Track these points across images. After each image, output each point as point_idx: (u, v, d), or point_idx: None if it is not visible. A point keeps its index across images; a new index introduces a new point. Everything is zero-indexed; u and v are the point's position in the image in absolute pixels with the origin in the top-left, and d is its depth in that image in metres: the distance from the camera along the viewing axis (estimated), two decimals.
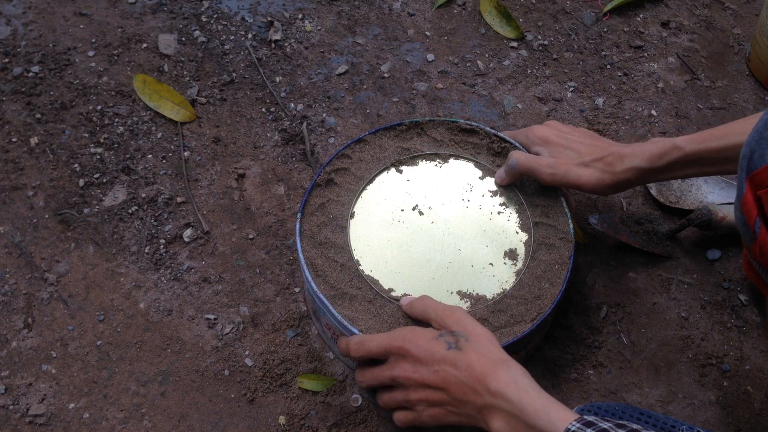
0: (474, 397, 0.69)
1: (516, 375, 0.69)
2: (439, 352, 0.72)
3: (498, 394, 0.68)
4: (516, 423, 0.67)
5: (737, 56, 1.22)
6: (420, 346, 0.73)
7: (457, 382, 0.70)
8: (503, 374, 0.69)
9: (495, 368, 0.69)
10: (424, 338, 0.74)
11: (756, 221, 0.60)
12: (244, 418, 0.88)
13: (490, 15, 1.23)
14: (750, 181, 0.60)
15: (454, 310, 0.77)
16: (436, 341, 0.73)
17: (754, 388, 0.92)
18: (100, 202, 1.02)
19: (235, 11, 1.22)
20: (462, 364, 0.71)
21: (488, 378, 0.69)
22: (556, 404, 0.66)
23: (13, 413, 0.87)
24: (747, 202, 0.61)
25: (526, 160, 0.88)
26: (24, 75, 1.12)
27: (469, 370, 0.70)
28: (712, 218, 0.98)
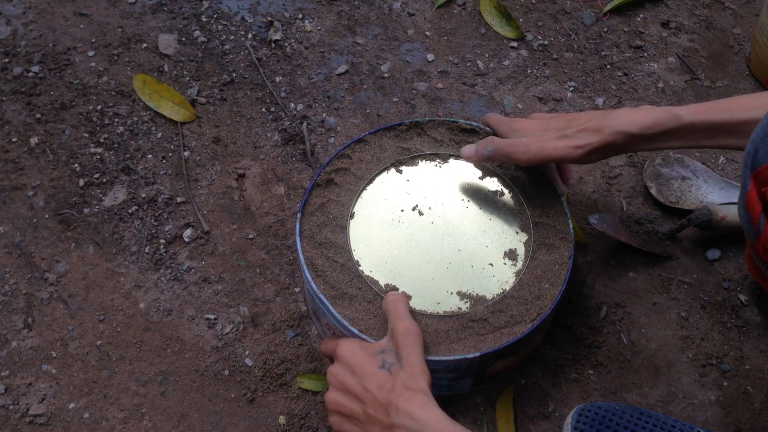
0: (383, 416, 0.70)
1: (428, 401, 0.70)
2: (369, 367, 0.74)
3: (405, 413, 0.69)
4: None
5: (737, 56, 1.22)
6: (356, 356, 0.75)
7: (373, 399, 0.72)
8: (416, 398, 0.70)
9: (411, 393, 0.70)
10: (364, 351, 0.76)
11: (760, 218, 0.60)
12: (244, 418, 0.88)
13: (490, 15, 1.23)
14: (755, 178, 0.60)
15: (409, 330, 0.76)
16: (373, 357, 0.75)
17: (754, 388, 0.92)
18: (100, 202, 1.02)
19: (235, 11, 1.22)
20: (386, 385, 0.72)
21: (401, 400, 0.70)
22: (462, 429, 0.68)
23: (13, 413, 0.87)
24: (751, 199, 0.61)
25: (500, 145, 0.86)
26: (24, 75, 1.12)
27: (389, 393, 0.71)
28: (712, 218, 0.98)
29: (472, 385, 0.87)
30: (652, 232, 1.01)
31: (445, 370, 0.81)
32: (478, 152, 0.89)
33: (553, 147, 0.84)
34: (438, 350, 0.80)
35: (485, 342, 0.80)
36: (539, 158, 0.84)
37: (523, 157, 0.85)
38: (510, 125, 0.90)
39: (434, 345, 0.80)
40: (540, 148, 0.84)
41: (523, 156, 0.85)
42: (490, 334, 0.81)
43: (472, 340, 0.80)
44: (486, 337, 0.81)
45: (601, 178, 1.08)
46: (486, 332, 0.81)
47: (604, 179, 1.08)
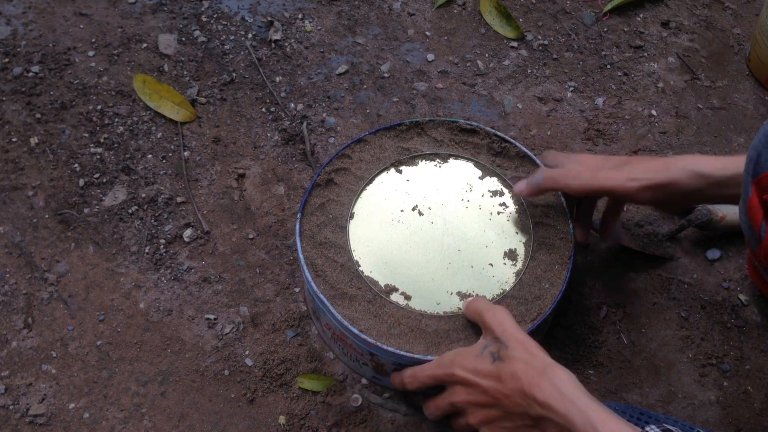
0: (525, 407, 0.68)
1: (560, 383, 0.67)
2: (484, 369, 0.71)
3: (546, 405, 0.66)
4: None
5: (737, 56, 1.22)
6: (467, 368, 0.73)
7: (505, 396, 0.69)
8: (547, 384, 0.67)
9: (539, 377, 0.67)
10: (469, 358, 0.73)
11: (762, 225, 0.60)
12: (244, 418, 0.88)
13: (490, 15, 1.23)
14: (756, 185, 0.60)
15: (495, 311, 0.75)
16: (481, 358, 0.72)
17: (754, 388, 0.92)
18: (100, 202, 1.02)
19: (235, 11, 1.22)
20: (506, 375, 0.69)
21: (534, 389, 0.67)
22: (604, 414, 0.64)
23: (13, 413, 0.87)
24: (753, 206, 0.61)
25: (550, 173, 0.84)
26: (24, 75, 1.12)
27: (514, 381, 0.69)
28: (711, 218, 0.98)
29: None
30: (652, 234, 1.01)
31: None
32: (528, 184, 0.86)
33: (606, 176, 0.80)
34: (438, 350, 0.80)
35: None
36: (590, 186, 0.81)
37: (574, 183, 0.82)
38: (568, 156, 0.88)
39: (434, 345, 0.80)
40: (592, 176, 0.81)
41: (574, 182, 0.82)
42: None
43: (472, 339, 0.80)
44: None
45: None
46: None
47: None
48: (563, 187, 0.83)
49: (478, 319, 0.77)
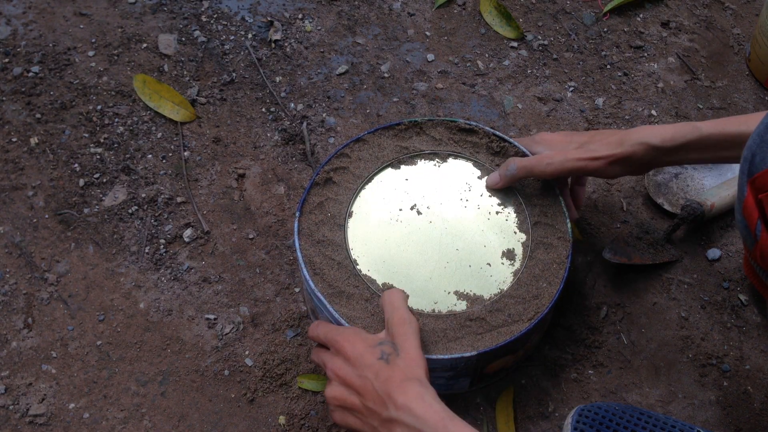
0: (381, 409, 0.70)
1: (425, 392, 0.69)
2: (368, 359, 0.73)
3: (403, 407, 0.68)
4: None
5: (737, 56, 1.22)
6: (355, 348, 0.74)
7: (372, 391, 0.71)
8: (412, 389, 0.69)
9: (407, 383, 0.70)
10: (363, 343, 0.75)
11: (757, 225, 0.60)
12: (244, 418, 0.88)
13: (490, 15, 1.23)
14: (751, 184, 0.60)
15: (405, 320, 0.76)
16: (372, 349, 0.74)
17: (754, 388, 0.92)
18: (100, 202, 1.02)
19: (235, 11, 1.22)
20: (383, 375, 0.71)
21: (398, 391, 0.69)
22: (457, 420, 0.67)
23: (13, 413, 0.87)
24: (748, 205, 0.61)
25: (522, 163, 0.87)
26: (24, 75, 1.12)
27: (386, 383, 0.70)
28: (704, 210, 0.99)
29: (470, 384, 0.87)
30: (654, 242, 1.01)
31: (442, 368, 0.81)
32: (501, 176, 0.89)
33: (576, 158, 0.85)
34: (435, 349, 0.80)
35: (483, 341, 0.80)
36: (563, 169, 0.85)
37: (548, 169, 0.86)
38: (533, 138, 0.92)
39: (432, 344, 0.80)
40: (564, 159, 0.85)
41: (548, 168, 0.85)
42: (488, 333, 0.81)
43: (469, 339, 0.80)
44: (483, 336, 0.81)
45: (602, 179, 1.08)
46: (483, 331, 0.81)
47: (604, 179, 1.08)
48: (538, 175, 0.87)
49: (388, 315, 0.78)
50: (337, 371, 0.75)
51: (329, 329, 0.79)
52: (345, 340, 0.76)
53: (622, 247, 0.99)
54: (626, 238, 1.00)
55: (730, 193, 1.01)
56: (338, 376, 0.75)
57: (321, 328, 0.80)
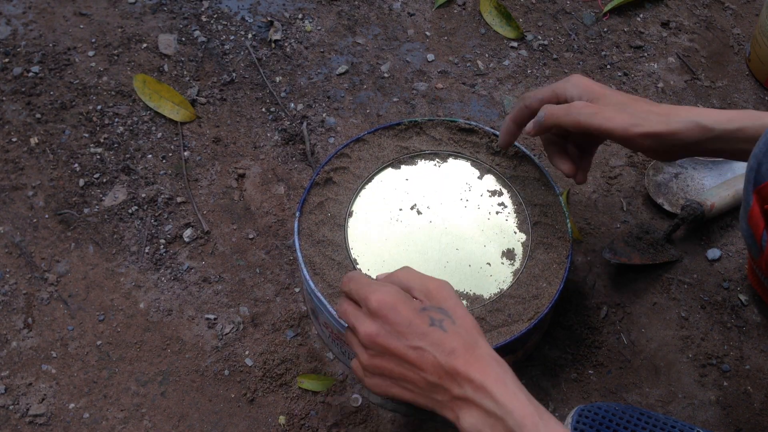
0: (450, 385, 0.63)
1: (505, 374, 0.62)
2: (420, 327, 0.64)
3: (482, 389, 0.61)
4: (495, 424, 0.60)
5: (737, 56, 1.22)
6: (400, 314, 0.65)
7: (436, 365, 0.63)
8: (492, 370, 0.62)
9: (482, 362, 0.62)
10: (406, 307, 0.66)
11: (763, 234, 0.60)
12: (244, 418, 0.88)
13: (490, 15, 1.23)
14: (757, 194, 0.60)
15: (442, 284, 0.69)
16: (420, 314, 0.65)
17: (754, 388, 0.92)
18: (100, 202, 1.02)
19: (235, 11, 1.22)
20: (446, 347, 0.63)
21: (473, 370, 0.62)
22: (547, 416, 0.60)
23: (13, 413, 0.87)
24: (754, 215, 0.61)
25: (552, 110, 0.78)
26: (24, 75, 1.12)
27: (451, 355, 0.63)
28: (704, 210, 0.99)
29: None
30: (654, 242, 1.01)
31: None
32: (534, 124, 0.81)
33: (607, 117, 0.75)
34: None
35: None
36: (589, 123, 0.76)
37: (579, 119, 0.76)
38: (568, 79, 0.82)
39: None
40: (593, 113, 0.76)
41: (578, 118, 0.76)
42: (488, 332, 0.81)
43: None
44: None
45: (601, 178, 1.08)
46: (484, 331, 0.81)
47: (604, 179, 1.08)
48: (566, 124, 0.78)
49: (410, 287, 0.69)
50: (375, 338, 0.66)
51: (362, 285, 0.69)
52: (383, 302, 0.66)
53: (622, 247, 0.99)
54: (626, 238, 1.00)
55: (730, 193, 1.01)
56: (378, 344, 0.66)
57: (353, 283, 0.70)
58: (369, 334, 0.66)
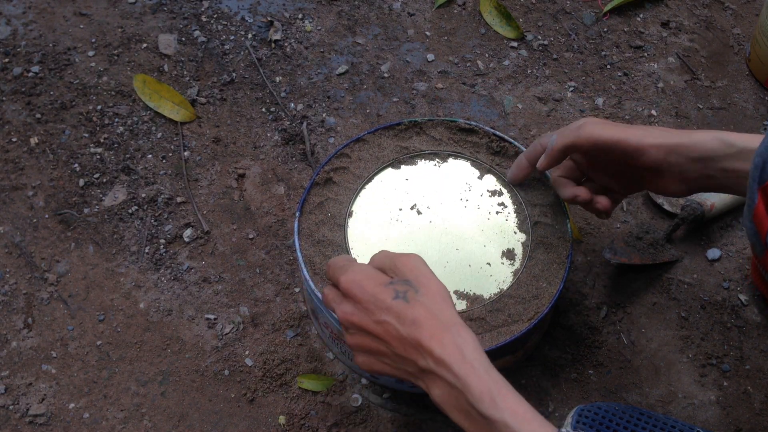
0: (416, 357, 0.64)
1: (464, 344, 0.63)
2: (383, 301, 0.66)
3: (440, 361, 0.62)
4: (458, 396, 0.62)
5: (737, 56, 1.22)
6: (365, 290, 0.67)
7: (399, 337, 0.65)
8: (450, 341, 0.63)
9: (442, 331, 0.63)
10: (372, 282, 0.67)
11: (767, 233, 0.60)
12: (244, 418, 0.88)
13: (490, 15, 1.23)
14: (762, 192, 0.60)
15: (409, 256, 0.70)
16: (384, 288, 0.67)
17: (754, 388, 0.92)
18: (100, 202, 1.03)
19: (235, 11, 1.22)
20: (407, 318, 0.64)
21: (433, 342, 0.63)
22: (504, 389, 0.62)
23: (13, 413, 0.87)
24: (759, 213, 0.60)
25: (561, 132, 0.79)
26: (24, 75, 1.12)
27: (413, 326, 0.64)
28: (704, 210, 0.99)
29: None
30: (654, 242, 1.01)
31: None
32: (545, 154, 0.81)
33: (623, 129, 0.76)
34: None
35: (482, 341, 0.80)
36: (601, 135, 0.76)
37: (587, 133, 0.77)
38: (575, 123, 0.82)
39: None
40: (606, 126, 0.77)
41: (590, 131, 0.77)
42: (488, 333, 0.81)
43: None
44: (483, 336, 0.81)
45: None
46: (483, 331, 0.81)
47: None
48: (577, 141, 0.78)
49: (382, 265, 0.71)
50: (349, 318, 0.68)
51: (336, 268, 0.71)
52: (351, 282, 0.68)
53: (622, 247, 0.99)
54: (626, 238, 1.00)
55: None
56: (353, 324, 0.68)
57: (330, 268, 0.73)
58: (343, 314, 0.69)
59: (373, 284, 0.67)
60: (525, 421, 0.60)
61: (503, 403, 0.61)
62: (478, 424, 0.62)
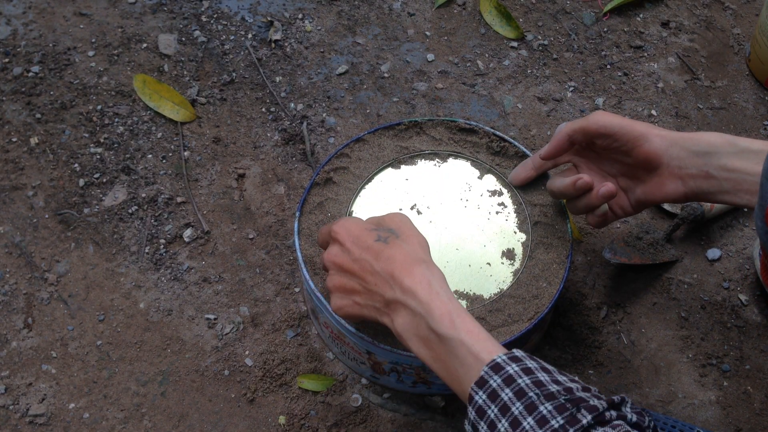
0: (385, 289, 0.68)
1: (432, 277, 0.67)
2: (365, 242, 0.71)
3: (408, 290, 0.67)
4: (419, 323, 0.66)
5: (737, 56, 1.22)
6: (351, 233, 0.72)
7: (373, 272, 0.69)
8: (419, 272, 0.67)
9: (413, 265, 0.68)
10: (358, 227, 0.73)
11: None
12: (244, 418, 0.88)
13: (490, 15, 1.23)
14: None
15: (397, 214, 0.75)
16: (369, 232, 0.72)
17: (754, 388, 0.92)
18: (100, 202, 1.03)
19: (235, 11, 1.22)
20: (384, 256, 0.69)
21: (403, 273, 0.67)
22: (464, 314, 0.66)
23: (13, 413, 0.87)
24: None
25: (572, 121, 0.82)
26: (24, 75, 1.12)
27: (387, 262, 0.69)
28: (704, 210, 0.99)
29: None
30: (654, 242, 1.01)
31: None
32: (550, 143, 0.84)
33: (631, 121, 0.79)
34: None
35: None
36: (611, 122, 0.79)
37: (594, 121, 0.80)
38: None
39: None
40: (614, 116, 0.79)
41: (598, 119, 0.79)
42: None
43: None
44: None
45: None
46: None
47: None
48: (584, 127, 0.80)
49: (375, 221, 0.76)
50: (332, 259, 0.73)
51: (329, 223, 0.78)
52: (340, 227, 0.74)
53: (622, 247, 0.99)
54: (626, 238, 1.00)
55: None
56: (335, 264, 0.73)
57: (323, 228, 0.79)
58: (327, 256, 0.74)
59: (359, 229, 0.73)
60: (479, 340, 0.64)
61: (461, 324, 0.64)
62: (435, 348, 0.66)
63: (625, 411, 0.59)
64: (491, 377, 0.60)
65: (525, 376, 0.59)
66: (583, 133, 0.81)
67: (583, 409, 0.56)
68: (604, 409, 0.57)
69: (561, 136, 0.82)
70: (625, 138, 0.79)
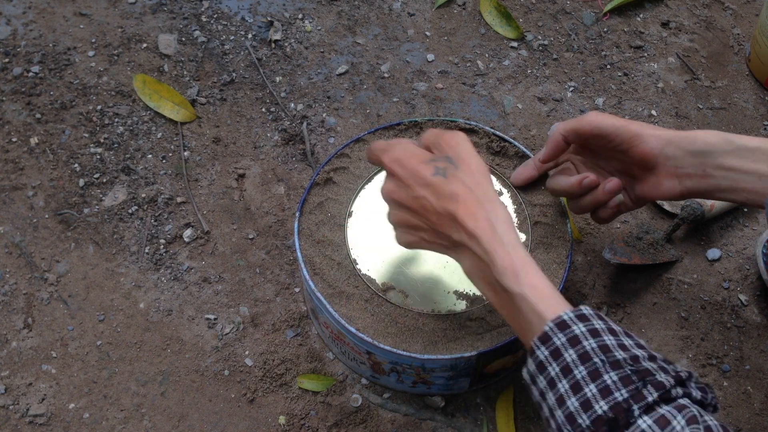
0: (450, 231, 0.67)
1: (496, 220, 0.66)
2: (423, 177, 0.68)
3: (473, 236, 0.65)
4: (485, 269, 0.65)
5: (737, 56, 1.22)
6: (405, 167, 0.69)
7: (435, 211, 0.67)
8: (483, 216, 0.65)
9: (476, 206, 0.66)
10: (413, 159, 0.70)
11: None
12: (244, 418, 0.88)
13: (490, 15, 1.23)
14: None
15: (454, 134, 0.71)
16: (425, 165, 0.69)
17: (754, 388, 0.92)
18: (100, 202, 1.03)
19: (235, 11, 1.22)
20: (444, 193, 0.67)
21: (466, 215, 0.65)
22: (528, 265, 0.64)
23: (13, 413, 0.87)
24: None
25: (565, 121, 0.81)
26: (24, 75, 1.12)
27: (449, 200, 0.66)
28: (704, 210, 0.99)
29: (470, 385, 0.87)
30: (654, 242, 1.01)
31: (442, 368, 0.81)
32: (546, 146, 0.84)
33: (626, 121, 0.79)
34: (435, 349, 0.80)
35: (482, 341, 0.80)
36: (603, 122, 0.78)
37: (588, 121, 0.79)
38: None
39: (431, 344, 0.80)
40: (608, 115, 0.79)
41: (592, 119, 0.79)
42: (488, 333, 0.81)
43: (469, 339, 0.80)
44: (483, 336, 0.81)
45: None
46: (483, 331, 0.81)
47: None
48: (578, 128, 0.80)
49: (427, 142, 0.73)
50: (391, 195, 0.71)
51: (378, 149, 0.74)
52: (393, 160, 0.70)
53: (622, 247, 0.99)
54: (626, 239, 1.00)
55: None
56: (394, 200, 0.71)
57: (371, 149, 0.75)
58: (385, 191, 0.72)
59: (415, 162, 0.69)
60: (543, 297, 0.62)
61: (525, 278, 0.63)
62: (500, 296, 0.66)
63: (690, 387, 0.58)
64: (555, 334, 0.59)
65: (591, 338, 0.58)
66: (576, 135, 0.81)
67: (649, 384, 0.55)
68: (671, 386, 0.55)
69: (556, 138, 0.82)
70: (619, 139, 0.79)
